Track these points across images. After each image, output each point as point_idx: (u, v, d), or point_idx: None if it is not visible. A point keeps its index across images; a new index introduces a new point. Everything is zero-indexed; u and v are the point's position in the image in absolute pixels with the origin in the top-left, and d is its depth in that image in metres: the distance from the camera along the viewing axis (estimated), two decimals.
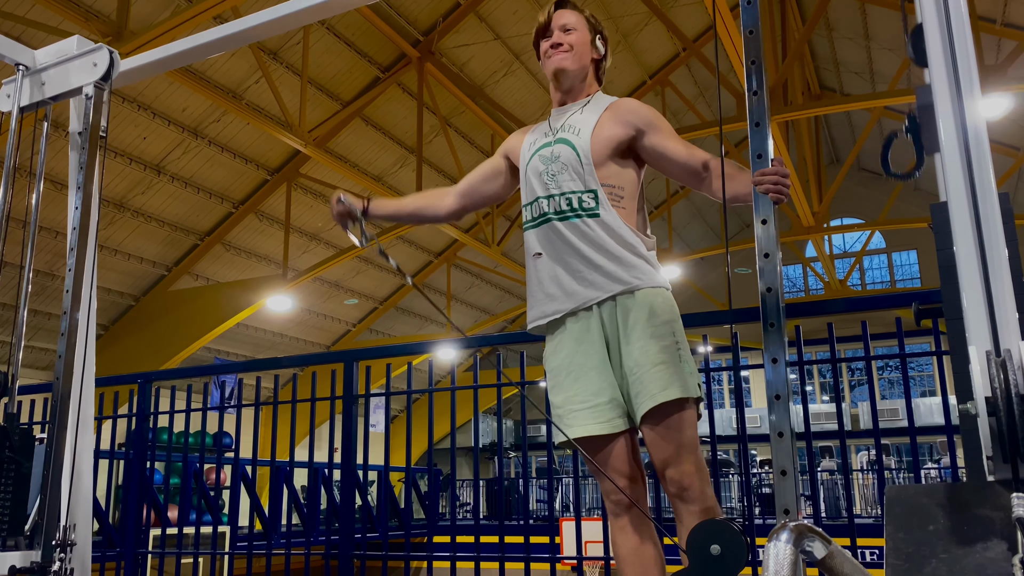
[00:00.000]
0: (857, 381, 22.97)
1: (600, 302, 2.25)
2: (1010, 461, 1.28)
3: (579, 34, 2.44)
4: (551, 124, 2.45)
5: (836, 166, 21.61)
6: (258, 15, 2.63)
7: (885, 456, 18.96)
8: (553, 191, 2.31)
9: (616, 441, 2.23)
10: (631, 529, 2.24)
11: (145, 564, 4.77)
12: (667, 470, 2.16)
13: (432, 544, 9.76)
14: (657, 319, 2.21)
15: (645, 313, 2.21)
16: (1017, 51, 10.06)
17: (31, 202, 2.66)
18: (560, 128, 2.39)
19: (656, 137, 2.34)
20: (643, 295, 2.23)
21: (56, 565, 2.28)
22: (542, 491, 17.58)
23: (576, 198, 2.28)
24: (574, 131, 2.35)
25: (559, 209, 2.30)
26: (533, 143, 2.45)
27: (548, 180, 2.33)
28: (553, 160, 2.34)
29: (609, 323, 2.25)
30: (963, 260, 1.43)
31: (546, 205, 2.32)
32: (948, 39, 1.52)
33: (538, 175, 2.36)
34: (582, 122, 2.36)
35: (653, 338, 2.18)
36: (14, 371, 2.54)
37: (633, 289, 2.23)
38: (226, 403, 13.08)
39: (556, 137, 2.38)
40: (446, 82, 13.50)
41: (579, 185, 2.29)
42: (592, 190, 2.28)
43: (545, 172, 2.34)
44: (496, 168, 2.59)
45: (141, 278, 14.47)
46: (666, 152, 2.33)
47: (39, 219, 2.73)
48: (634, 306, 2.22)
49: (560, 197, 2.30)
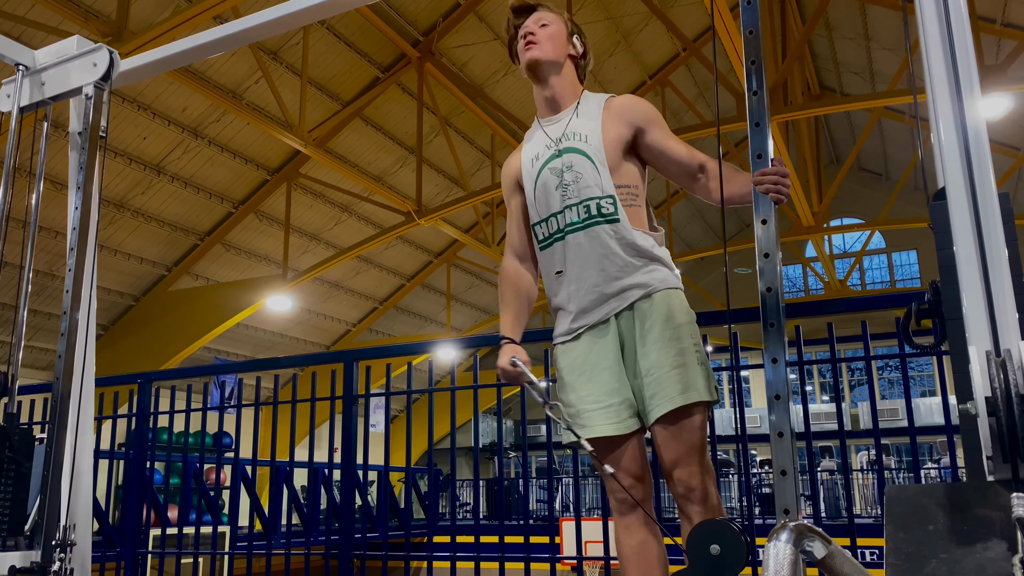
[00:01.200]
0: (857, 381, 22.97)
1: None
2: (1010, 461, 1.28)
3: (553, 28, 2.41)
4: (548, 134, 2.38)
5: (836, 166, 21.61)
6: (258, 15, 2.63)
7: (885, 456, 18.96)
8: (571, 201, 2.27)
9: (628, 441, 2.24)
10: (635, 528, 2.24)
11: (145, 564, 4.77)
12: (676, 470, 2.17)
13: (432, 544, 9.76)
14: (675, 321, 2.21)
15: (662, 316, 2.21)
16: (1017, 51, 10.05)
17: (31, 202, 2.67)
18: (562, 137, 2.34)
19: (657, 134, 2.33)
20: (660, 297, 2.23)
21: (56, 565, 2.28)
22: (542, 491, 17.58)
23: (595, 204, 2.25)
24: (580, 138, 2.32)
25: (579, 218, 2.27)
26: (536, 158, 2.38)
27: (564, 192, 2.29)
28: (566, 170, 2.30)
29: (625, 325, 2.25)
30: (963, 260, 1.43)
31: (563, 218, 2.29)
32: (948, 39, 1.51)
33: (552, 189, 2.31)
34: (585, 128, 2.33)
35: (671, 340, 2.19)
36: (14, 371, 2.55)
37: (650, 292, 2.24)
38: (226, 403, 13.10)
39: (563, 147, 2.33)
40: (446, 82, 13.50)
41: (597, 191, 2.26)
42: (610, 195, 2.25)
43: (560, 184, 2.30)
44: (525, 209, 2.46)
45: (141, 278, 14.47)
46: (666, 150, 2.33)
47: (39, 219, 2.73)
48: (651, 309, 2.22)
49: (579, 206, 2.27)
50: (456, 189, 16.08)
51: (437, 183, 16.16)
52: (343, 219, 15.94)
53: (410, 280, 18.83)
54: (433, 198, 15.65)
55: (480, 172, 16.31)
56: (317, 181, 14.33)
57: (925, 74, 1.55)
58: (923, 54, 1.55)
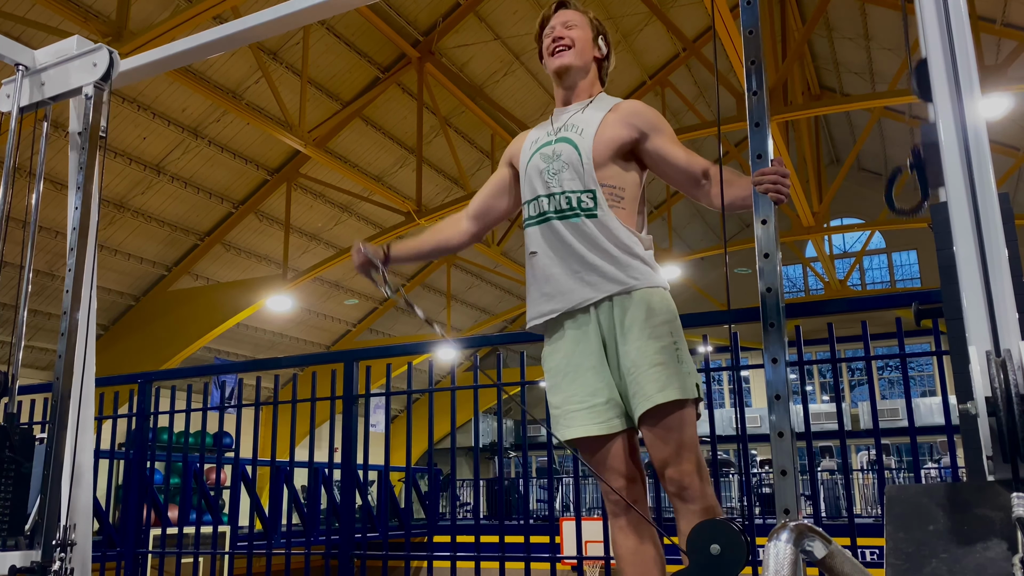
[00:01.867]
0: (857, 381, 22.97)
1: (597, 303, 2.25)
2: (1010, 461, 1.28)
3: (581, 31, 2.45)
4: (553, 123, 2.44)
5: (836, 166, 21.61)
6: (258, 15, 2.63)
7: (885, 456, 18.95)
8: (554, 189, 2.32)
9: (614, 441, 2.23)
10: (630, 529, 2.24)
11: (145, 564, 4.77)
12: (666, 470, 2.16)
13: (432, 544, 9.76)
14: (655, 319, 2.20)
15: (642, 313, 2.20)
16: (1017, 51, 10.06)
17: (31, 202, 2.67)
18: (563, 127, 2.39)
19: (659, 140, 2.34)
20: (640, 295, 2.23)
21: (56, 565, 2.28)
22: (542, 491, 17.58)
23: (575, 197, 2.28)
24: (576, 130, 2.35)
25: (559, 208, 2.30)
26: (535, 141, 2.44)
27: (549, 178, 2.33)
28: (554, 158, 2.34)
29: (606, 324, 2.25)
30: (963, 260, 1.43)
31: (546, 203, 2.32)
32: (948, 39, 1.51)
33: (539, 173, 2.36)
34: (585, 121, 2.36)
35: (651, 338, 2.18)
36: (14, 371, 2.54)
37: (630, 289, 2.23)
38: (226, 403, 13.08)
39: (558, 136, 2.38)
40: (446, 82, 13.50)
41: (578, 185, 2.29)
42: (591, 190, 2.27)
43: (546, 170, 2.34)
44: (503, 181, 2.56)
45: (141, 278, 14.47)
46: (667, 156, 2.33)
47: (39, 219, 2.73)
48: (631, 306, 2.22)
49: (560, 196, 2.30)
50: (456, 189, 16.08)
51: (437, 183, 16.16)
52: (343, 219, 15.94)
53: (409, 280, 18.84)
54: (433, 198, 15.65)
55: (480, 172, 16.31)
56: (317, 181, 14.33)
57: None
58: (923, 54, 1.55)
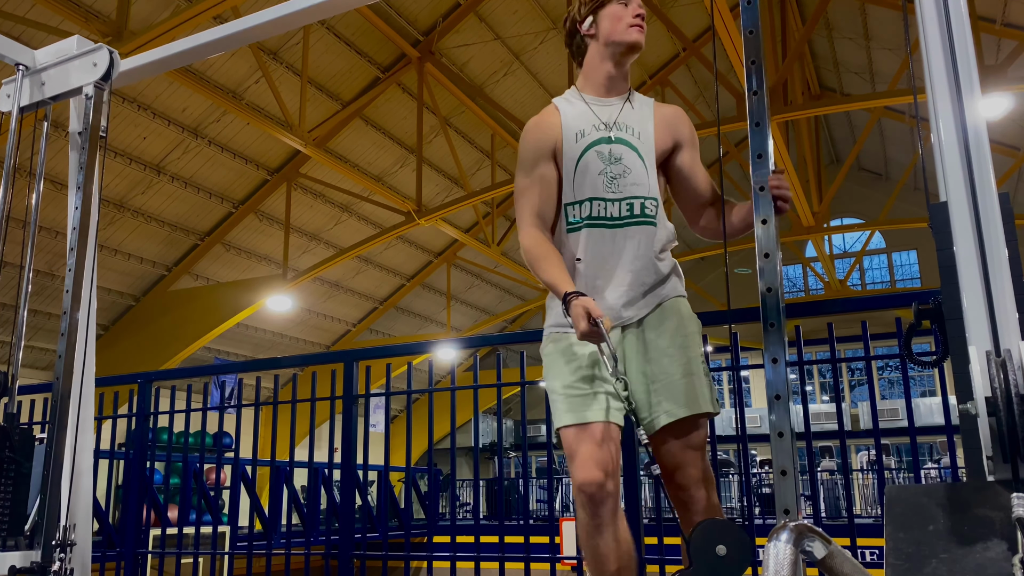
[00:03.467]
0: (857, 381, 22.97)
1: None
2: (1010, 461, 1.28)
3: None
4: (597, 115, 2.27)
5: (836, 166, 21.60)
6: (258, 15, 2.63)
7: (885, 456, 18.95)
8: (616, 195, 2.20)
9: (606, 432, 2.17)
10: (606, 523, 2.15)
11: (145, 564, 4.77)
12: (680, 478, 2.17)
13: (432, 544, 9.76)
14: (684, 330, 2.22)
15: (673, 324, 2.22)
16: (1017, 51, 10.05)
17: (31, 202, 2.67)
18: (614, 124, 2.26)
19: (693, 155, 2.32)
20: (671, 304, 2.24)
21: (56, 565, 2.28)
22: (542, 491, 17.57)
23: (639, 204, 2.22)
24: (632, 132, 2.26)
25: (621, 214, 2.21)
26: (581, 134, 2.25)
27: (608, 182, 2.21)
28: (614, 161, 2.22)
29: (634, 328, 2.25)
30: (963, 260, 1.43)
31: (602, 208, 2.21)
32: (948, 39, 1.51)
33: (595, 174, 2.21)
34: (637, 123, 2.27)
35: (681, 348, 2.19)
36: (14, 371, 2.54)
37: (663, 300, 2.25)
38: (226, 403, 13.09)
39: (614, 135, 2.25)
40: (446, 82, 13.50)
41: (644, 191, 2.22)
42: (654, 197, 2.24)
43: (605, 173, 2.22)
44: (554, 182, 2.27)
45: (141, 278, 14.47)
46: (694, 173, 2.31)
47: (39, 219, 2.73)
48: (664, 315, 2.23)
49: (623, 202, 2.21)
50: (456, 189, 16.08)
51: (437, 183, 16.15)
52: (343, 219, 15.93)
53: (410, 280, 18.83)
54: (433, 198, 15.64)
55: (480, 172, 16.31)
56: (317, 181, 14.33)
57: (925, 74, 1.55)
58: (923, 54, 1.55)
